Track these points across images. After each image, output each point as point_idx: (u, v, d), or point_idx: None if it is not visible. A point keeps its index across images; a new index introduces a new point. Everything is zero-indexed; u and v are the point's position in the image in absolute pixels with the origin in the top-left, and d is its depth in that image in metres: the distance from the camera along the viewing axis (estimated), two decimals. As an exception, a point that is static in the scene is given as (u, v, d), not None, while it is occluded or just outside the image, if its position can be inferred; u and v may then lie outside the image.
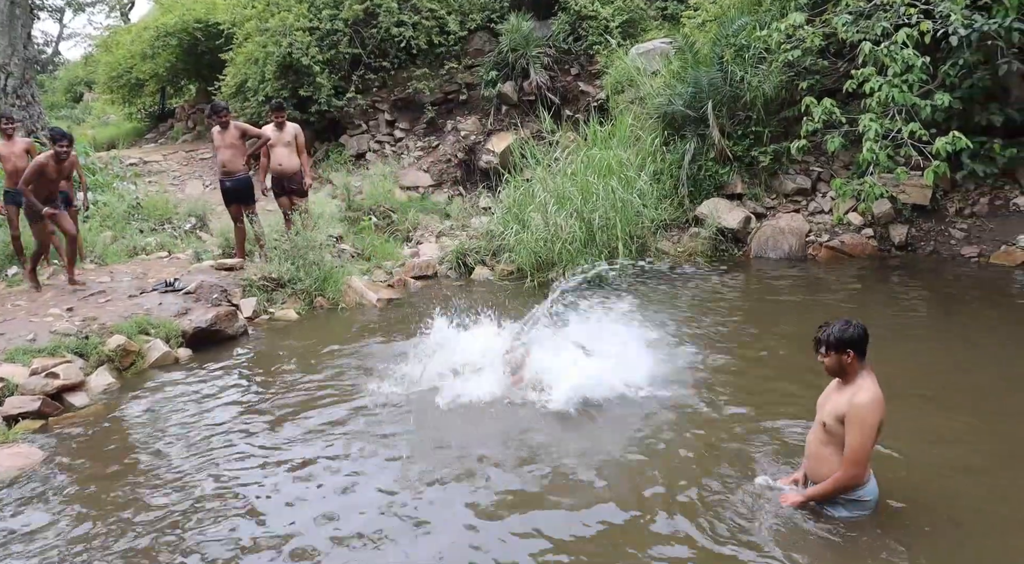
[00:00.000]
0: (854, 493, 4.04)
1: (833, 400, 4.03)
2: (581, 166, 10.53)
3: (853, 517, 4.08)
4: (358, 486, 4.83)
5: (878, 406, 3.88)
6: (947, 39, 8.73)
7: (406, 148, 15.24)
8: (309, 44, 14.46)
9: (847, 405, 3.90)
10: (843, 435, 3.92)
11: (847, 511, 4.08)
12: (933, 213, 10.57)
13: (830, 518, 4.09)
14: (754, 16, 11.23)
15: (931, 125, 8.78)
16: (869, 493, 4.08)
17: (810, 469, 4.20)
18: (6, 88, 13.92)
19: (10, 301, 8.42)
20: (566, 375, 5.92)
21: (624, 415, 5.68)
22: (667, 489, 4.60)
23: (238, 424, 5.91)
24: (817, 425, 4.11)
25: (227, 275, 9.18)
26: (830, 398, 4.08)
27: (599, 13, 14.31)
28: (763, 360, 6.77)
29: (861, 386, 3.92)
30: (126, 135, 21.62)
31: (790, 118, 11.00)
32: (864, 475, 3.98)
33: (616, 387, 5.94)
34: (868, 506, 4.09)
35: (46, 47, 36.30)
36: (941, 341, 7.12)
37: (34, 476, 5.19)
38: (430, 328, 6.70)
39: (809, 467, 4.21)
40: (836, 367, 4.01)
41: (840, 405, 3.94)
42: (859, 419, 3.85)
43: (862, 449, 3.89)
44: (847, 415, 3.88)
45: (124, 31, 22.98)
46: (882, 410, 3.91)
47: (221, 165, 9.54)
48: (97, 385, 6.76)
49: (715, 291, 9.13)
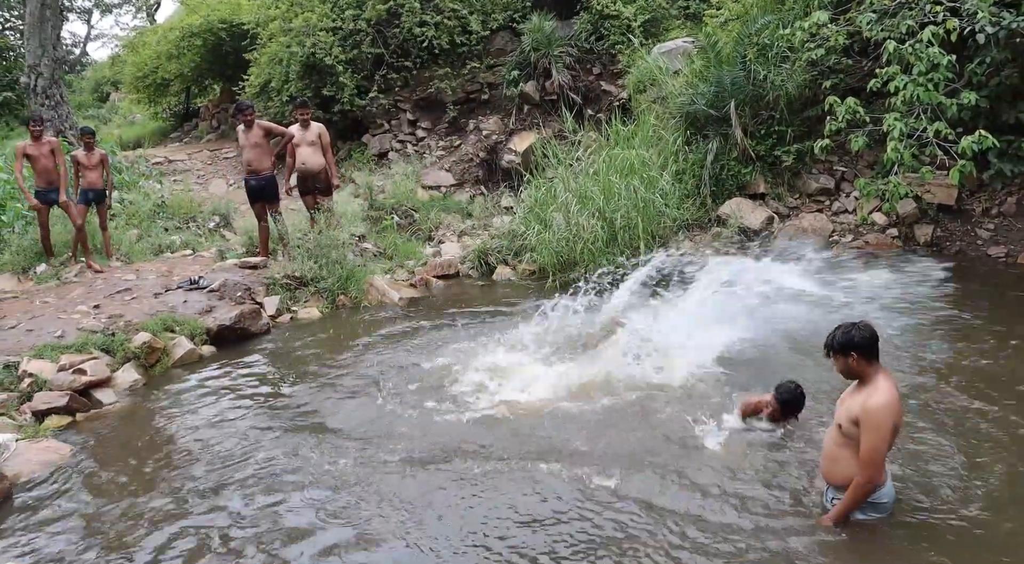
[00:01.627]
0: (872, 495, 4.00)
1: (848, 402, 4.02)
2: (603, 166, 10.52)
3: (870, 520, 4.06)
4: (386, 484, 4.86)
5: (892, 409, 3.85)
6: (974, 37, 8.63)
7: (428, 147, 15.29)
8: (332, 44, 14.55)
9: (860, 408, 3.88)
10: (858, 438, 3.90)
11: (863, 514, 4.06)
12: (959, 213, 10.46)
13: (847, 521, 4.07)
14: (777, 15, 11.16)
15: (957, 124, 8.69)
16: (886, 495, 4.06)
17: (825, 469, 4.18)
18: (36, 88, 14.14)
19: (39, 298, 8.56)
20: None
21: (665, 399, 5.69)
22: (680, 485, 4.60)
23: (261, 420, 5.97)
24: (833, 426, 4.11)
25: (251, 273, 9.26)
26: (846, 400, 4.07)
27: (621, 12, 14.27)
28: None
29: (876, 388, 3.89)
30: (151, 134, 21.88)
31: (813, 117, 10.92)
32: (880, 476, 3.95)
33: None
34: (885, 508, 4.07)
35: (74, 48, 36.83)
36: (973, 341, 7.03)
37: (63, 471, 5.28)
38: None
39: (824, 467, 4.20)
40: (845, 369, 4.01)
41: (854, 407, 3.93)
42: (873, 422, 3.83)
43: (876, 451, 3.86)
44: (861, 418, 3.86)
45: (150, 32, 23.24)
46: (897, 412, 3.88)
47: (246, 164, 9.62)
48: (123, 381, 6.86)
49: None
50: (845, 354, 3.95)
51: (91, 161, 9.81)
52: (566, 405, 5.81)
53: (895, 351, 6.47)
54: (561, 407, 5.80)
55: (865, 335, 3.94)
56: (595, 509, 4.42)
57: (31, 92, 14.56)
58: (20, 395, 6.33)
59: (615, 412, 5.69)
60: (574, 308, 7.09)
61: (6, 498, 4.91)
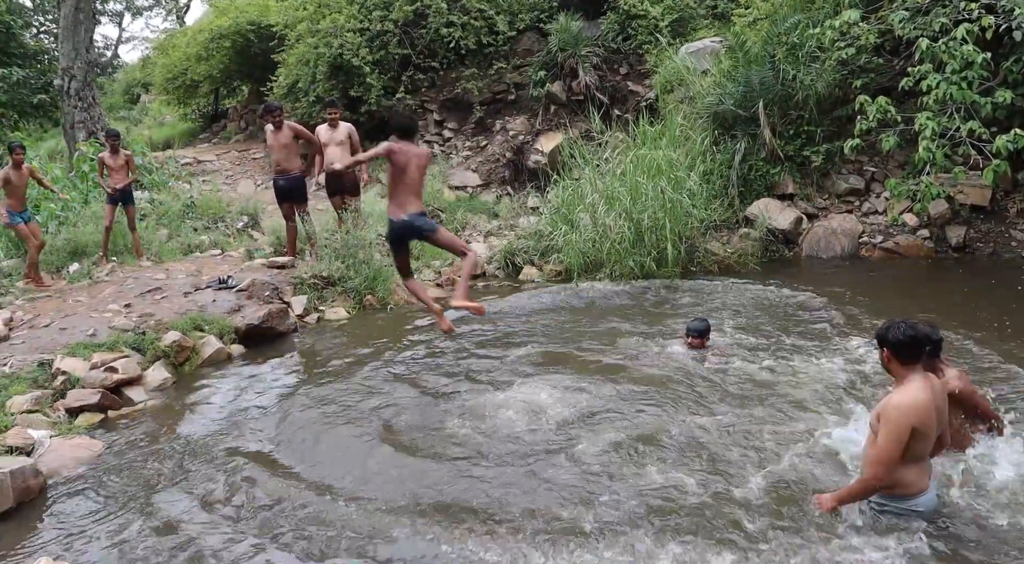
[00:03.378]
0: (903, 501, 3.93)
1: (880, 401, 3.98)
2: (630, 166, 10.47)
3: (898, 526, 3.96)
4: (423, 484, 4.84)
5: (912, 409, 3.76)
6: (1010, 34, 8.50)
7: (455, 148, 15.32)
8: (359, 45, 14.62)
9: (882, 406, 3.85)
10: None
11: (892, 519, 3.97)
12: (993, 214, 10.30)
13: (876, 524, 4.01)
14: (807, 14, 11.05)
15: (991, 123, 8.56)
16: (924, 504, 3.96)
17: (863, 468, 4.12)
18: (69, 90, 14.34)
19: (71, 297, 8.68)
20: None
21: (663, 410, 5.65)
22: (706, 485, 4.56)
23: (288, 419, 6.00)
24: (869, 430, 4.04)
25: (278, 273, 9.33)
26: (881, 400, 4.03)
27: (648, 12, 14.21)
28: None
29: (903, 389, 3.84)
30: (181, 135, 22.12)
31: (843, 117, 10.81)
32: (887, 476, 3.87)
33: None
34: (923, 517, 3.97)
35: (106, 50, 37.38)
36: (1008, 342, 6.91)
37: (96, 467, 5.35)
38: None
39: (863, 466, 4.13)
40: (883, 363, 3.99)
41: (880, 405, 3.90)
42: (889, 418, 3.77)
43: (886, 449, 3.78)
44: (881, 415, 3.83)
45: (180, 34, 23.52)
46: (919, 415, 3.77)
47: (275, 164, 9.69)
48: (153, 380, 6.92)
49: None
50: (879, 346, 3.93)
51: (116, 163, 10.06)
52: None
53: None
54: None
55: (903, 334, 3.84)
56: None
57: (64, 94, 14.77)
58: (54, 393, 6.41)
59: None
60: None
61: (41, 493, 4.98)
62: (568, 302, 8.97)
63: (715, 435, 5.22)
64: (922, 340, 3.88)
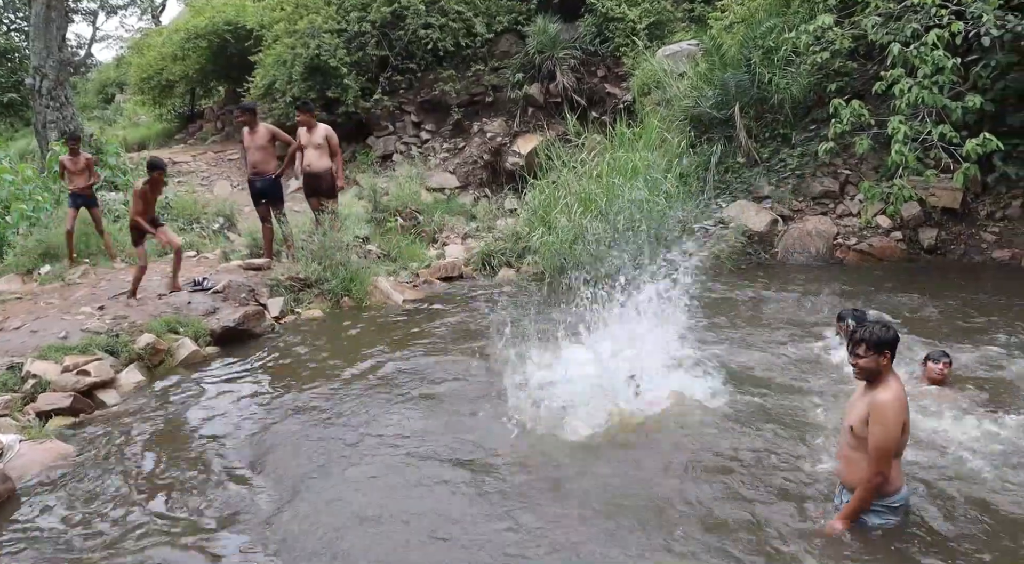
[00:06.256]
0: (886, 499, 3.97)
1: (858, 404, 3.97)
2: (607, 168, 10.51)
3: (886, 525, 4.01)
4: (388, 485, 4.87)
5: (901, 404, 3.82)
6: (979, 40, 8.63)
7: (432, 150, 15.31)
8: (337, 46, 14.58)
9: (870, 404, 3.85)
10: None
11: (880, 519, 4.01)
12: (964, 216, 10.44)
13: (862, 526, 4.03)
14: (782, 18, 11.16)
15: (962, 127, 8.68)
16: (900, 499, 4.01)
17: (843, 475, 4.12)
18: (41, 90, 14.15)
19: (43, 299, 8.57)
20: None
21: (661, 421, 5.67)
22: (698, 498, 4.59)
23: (264, 421, 5.96)
24: (845, 430, 4.04)
25: (255, 275, 9.27)
26: (855, 403, 4.02)
27: (626, 15, 14.29)
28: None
29: (887, 386, 3.87)
30: (156, 136, 21.93)
31: (818, 120, 10.92)
32: (889, 472, 3.90)
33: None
34: (900, 512, 4.03)
35: (79, 49, 36.93)
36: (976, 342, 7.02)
37: (67, 472, 5.27)
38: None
39: (841, 472, 4.14)
40: (873, 368, 3.90)
41: (864, 407, 3.89)
42: (881, 416, 3.80)
43: (884, 445, 3.82)
44: (871, 413, 3.83)
45: (155, 33, 23.33)
46: (905, 410, 3.85)
47: (251, 165, 9.64)
48: (127, 382, 6.85)
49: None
50: (879, 352, 3.87)
51: (76, 166, 9.91)
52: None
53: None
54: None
55: (896, 335, 3.92)
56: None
57: (36, 94, 14.57)
58: (24, 396, 6.32)
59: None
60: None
61: (10, 499, 4.91)
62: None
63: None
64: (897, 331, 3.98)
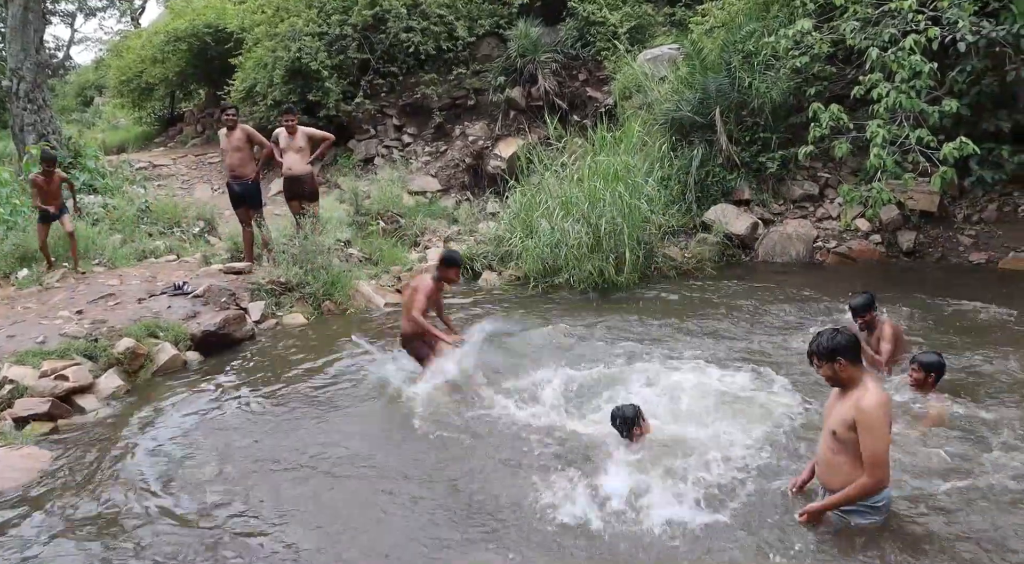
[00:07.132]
0: (869, 499, 3.99)
1: (838, 408, 4.00)
2: (588, 172, 10.52)
3: (868, 524, 4.05)
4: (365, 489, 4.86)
5: (886, 407, 3.88)
6: (955, 45, 8.74)
7: (414, 153, 15.28)
8: (318, 49, 14.54)
9: (855, 410, 3.87)
10: (854, 442, 3.88)
11: (863, 518, 4.04)
12: (941, 219, 10.55)
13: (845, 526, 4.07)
14: (762, 22, 11.24)
15: (939, 131, 8.78)
16: (884, 498, 4.05)
17: (823, 479, 4.15)
18: (18, 92, 13.99)
19: (20, 304, 8.48)
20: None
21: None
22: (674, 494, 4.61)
23: (244, 427, 5.93)
24: (826, 434, 4.07)
25: (235, 279, 9.21)
26: (834, 407, 4.06)
27: (607, 19, 14.32)
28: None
29: (867, 389, 3.90)
30: (136, 139, 21.78)
31: (798, 124, 11.00)
32: (887, 477, 3.94)
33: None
34: (883, 512, 4.07)
35: (57, 51, 36.58)
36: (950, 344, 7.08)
37: (44, 478, 5.22)
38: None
39: (822, 476, 4.17)
40: (832, 376, 4.00)
41: (847, 411, 3.91)
42: (870, 422, 3.83)
43: (879, 451, 3.86)
44: (857, 420, 3.85)
45: (135, 36, 23.18)
46: (889, 412, 3.91)
47: (229, 168, 9.61)
48: (106, 387, 6.78)
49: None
50: (831, 360, 3.95)
51: (51, 187, 9.55)
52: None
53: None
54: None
55: (849, 339, 3.97)
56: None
57: (13, 96, 14.41)
58: (0, 402, 6.26)
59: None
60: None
61: (-14, 506, 4.86)
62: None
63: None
64: (857, 338, 4.03)
